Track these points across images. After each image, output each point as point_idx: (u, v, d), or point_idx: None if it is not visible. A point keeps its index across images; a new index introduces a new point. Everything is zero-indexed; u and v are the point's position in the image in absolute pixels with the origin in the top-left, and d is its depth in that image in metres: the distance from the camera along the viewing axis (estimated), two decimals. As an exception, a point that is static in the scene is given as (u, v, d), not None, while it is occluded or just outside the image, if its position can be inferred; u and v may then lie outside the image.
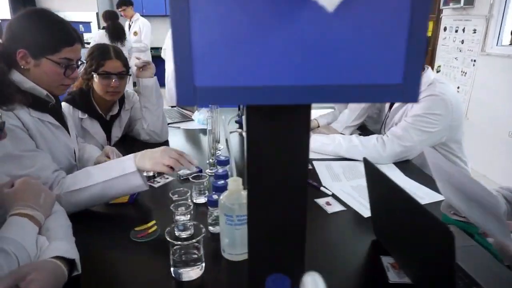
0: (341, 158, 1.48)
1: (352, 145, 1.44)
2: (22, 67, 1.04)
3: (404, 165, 1.42)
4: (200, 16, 0.36)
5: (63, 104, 1.45)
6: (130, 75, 1.57)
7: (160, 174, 1.30)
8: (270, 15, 0.37)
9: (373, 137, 1.44)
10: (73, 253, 0.77)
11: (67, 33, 1.08)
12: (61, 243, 0.78)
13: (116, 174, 1.02)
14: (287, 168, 0.60)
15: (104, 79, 1.48)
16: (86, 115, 1.53)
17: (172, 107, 3.94)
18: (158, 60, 4.78)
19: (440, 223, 0.62)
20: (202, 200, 1.13)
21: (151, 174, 1.29)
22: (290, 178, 0.60)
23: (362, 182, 1.25)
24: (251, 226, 0.65)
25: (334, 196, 1.16)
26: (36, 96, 1.08)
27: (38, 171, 1.00)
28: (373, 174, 0.86)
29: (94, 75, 1.48)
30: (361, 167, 1.37)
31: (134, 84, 1.72)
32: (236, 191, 0.80)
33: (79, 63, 1.15)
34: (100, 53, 1.49)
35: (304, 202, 0.64)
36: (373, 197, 0.90)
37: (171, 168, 1.03)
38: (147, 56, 4.69)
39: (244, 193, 0.81)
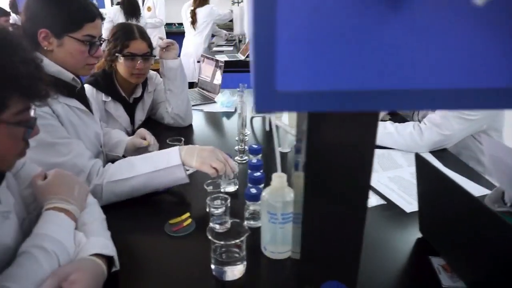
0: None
1: (386, 132, 1.38)
2: (45, 48, 1.00)
3: (440, 154, 1.35)
4: (287, 18, 0.30)
5: (86, 86, 1.40)
6: (154, 56, 1.52)
7: None
8: (361, 18, 0.30)
9: (410, 125, 1.36)
10: (111, 249, 0.74)
11: (87, 9, 1.03)
12: (99, 239, 0.75)
13: (162, 166, 0.99)
14: (349, 174, 0.55)
15: (129, 60, 1.42)
16: (110, 98, 1.49)
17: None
18: (171, 37, 4.69)
19: (507, 225, 0.57)
20: (231, 189, 1.09)
21: None
22: (351, 185, 0.56)
23: (400, 173, 1.20)
24: (306, 230, 0.61)
25: (371, 188, 1.11)
26: (63, 80, 1.04)
27: (75, 158, 0.97)
28: (425, 170, 0.80)
29: (119, 57, 1.42)
30: (396, 156, 1.31)
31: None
32: (280, 188, 0.76)
33: (102, 40, 1.10)
34: (124, 33, 1.43)
35: (364, 209, 0.59)
36: (422, 193, 0.84)
37: (216, 171, 0.98)
38: (162, 32, 4.59)
39: (289, 190, 0.76)
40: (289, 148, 1.37)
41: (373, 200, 1.04)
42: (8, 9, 3.99)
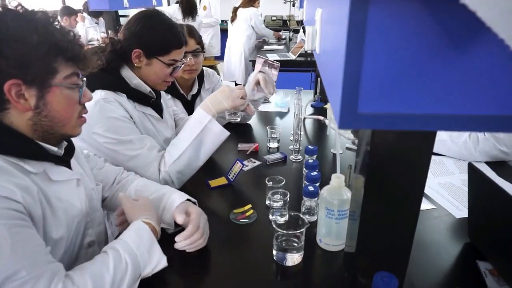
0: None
1: (439, 140, 1.40)
2: (135, 65, 1.16)
3: (495, 164, 1.35)
4: (374, 48, 0.39)
5: None
6: (204, 52, 1.64)
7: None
8: (443, 48, 0.38)
9: (465, 133, 1.38)
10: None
11: (177, 36, 1.18)
12: (177, 193, 0.97)
13: (198, 129, 1.15)
14: (407, 180, 0.62)
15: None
16: (169, 96, 1.63)
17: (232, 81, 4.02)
18: (223, 34, 4.86)
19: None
20: (237, 119, 1.31)
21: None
22: (408, 188, 0.63)
23: (451, 179, 1.23)
24: (363, 224, 0.69)
25: (421, 192, 1.16)
26: (141, 92, 1.20)
27: (148, 150, 1.14)
28: (477, 179, 0.85)
29: None
30: (449, 163, 1.34)
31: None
32: (338, 187, 0.84)
33: (183, 63, 1.24)
34: None
35: (416, 211, 0.67)
36: (473, 200, 0.89)
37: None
38: (216, 31, 4.77)
39: (346, 189, 0.85)
40: (341, 150, 1.44)
41: (423, 204, 1.09)
42: (77, 9, 4.37)
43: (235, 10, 4.22)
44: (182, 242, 0.85)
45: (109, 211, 1.22)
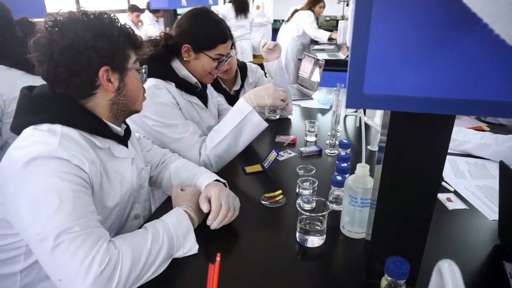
0: (467, 154, 1.41)
1: (482, 143, 1.36)
2: (184, 58, 1.28)
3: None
4: (378, 34, 0.44)
5: None
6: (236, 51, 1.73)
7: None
8: (442, 36, 0.42)
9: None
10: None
11: (223, 32, 1.28)
12: (207, 174, 1.06)
13: (239, 118, 1.23)
14: (422, 168, 0.65)
15: None
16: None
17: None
18: (274, 34, 4.93)
19: None
20: (276, 116, 1.42)
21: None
22: (424, 176, 0.66)
23: (490, 183, 1.20)
24: (379, 210, 0.72)
25: (456, 193, 1.14)
26: (188, 82, 1.32)
27: (190, 135, 1.24)
28: (509, 178, 0.84)
29: None
30: (492, 167, 1.30)
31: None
32: (362, 176, 0.87)
33: (229, 57, 1.33)
34: None
35: (433, 198, 0.69)
36: (504, 201, 0.87)
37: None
38: (268, 31, 4.85)
39: (370, 179, 0.88)
40: (377, 147, 1.45)
41: (456, 204, 1.08)
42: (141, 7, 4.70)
43: (294, 12, 4.23)
44: (214, 223, 0.93)
45: (154, 188, 1.35)
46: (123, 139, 0.96)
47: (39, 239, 0.69)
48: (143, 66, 0.95)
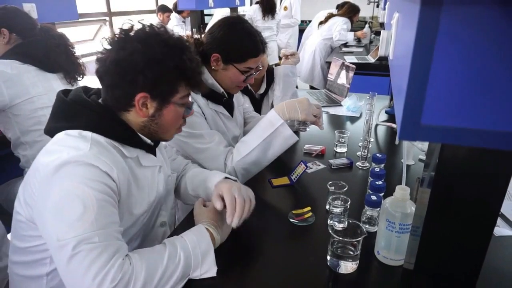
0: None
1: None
2: (213, 67, 1.23)
3: None
4: (445, 54, 0.37)
5: None
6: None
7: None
8: (500, 72, 0.35)
9: None
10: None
11: (255, 45, 1.21)
12: (217, 174, 1.04)
13: (269, 131, 1.17)
14: (480, 199, 0.57)
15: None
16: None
17: (312, 88, 3.97)
18: (300, 34, 4.84)
19: None
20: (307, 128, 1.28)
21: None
22: (482, 208, 0.58)
23: (541, 206, 1.09)
24: (424, 239, 0.65)
25: (502, 216, 1.05)
26: (214, 91, 1.27)
27: (215, 145, 1.20)
28: None
29: None
30: (541, 187, 1.19)
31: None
32: (402, 200, 0.80)
33: (258, 69, 1.27)
34: None
35: (490, 229, 0.61)
36: None
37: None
38: (295, 32, 4.78)
39: (410, 203, 0.80)
40: (413, 161, 1.36)
41: (503, 230, 0.99)
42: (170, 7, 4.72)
43: (329, 15, 4.10)
44: (234, 220, 0.89)
45: (176, 198, 1.31)
46: (152, 147, 0.94)
47: (59, 246, 0.69)
48: (191, 102, 0.92)
